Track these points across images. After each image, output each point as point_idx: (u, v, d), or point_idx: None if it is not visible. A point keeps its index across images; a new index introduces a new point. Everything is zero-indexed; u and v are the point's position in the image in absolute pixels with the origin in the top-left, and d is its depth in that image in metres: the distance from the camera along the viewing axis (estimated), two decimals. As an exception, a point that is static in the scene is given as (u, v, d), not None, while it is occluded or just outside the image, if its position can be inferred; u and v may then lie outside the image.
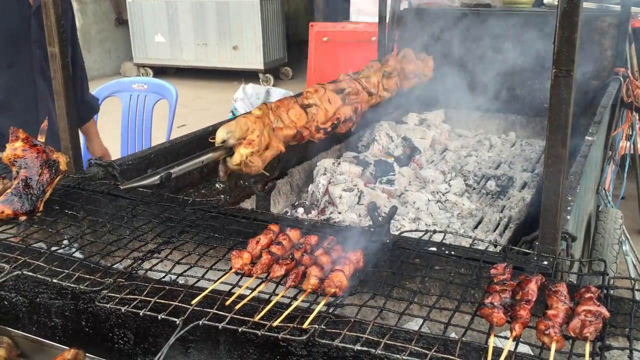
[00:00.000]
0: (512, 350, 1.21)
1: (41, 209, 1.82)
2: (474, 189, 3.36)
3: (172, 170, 2.01)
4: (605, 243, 3.35)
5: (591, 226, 3.65)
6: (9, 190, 1.78)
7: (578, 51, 1.44)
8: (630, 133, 4.24)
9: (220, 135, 2.11)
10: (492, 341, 1.21)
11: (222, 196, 2.89)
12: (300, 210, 3.00)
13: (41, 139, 1.90)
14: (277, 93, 5.92)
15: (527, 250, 1.59)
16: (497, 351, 1.21)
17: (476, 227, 2.91)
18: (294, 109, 2.45)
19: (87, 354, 1.55)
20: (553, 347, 1.18)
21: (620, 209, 4.19)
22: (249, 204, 2.90)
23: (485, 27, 4.18)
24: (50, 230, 1.76)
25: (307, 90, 2.60)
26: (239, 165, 2.12)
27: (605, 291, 1.41)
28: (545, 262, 1.54)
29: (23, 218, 1.78)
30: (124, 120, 4.70)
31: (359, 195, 3.01)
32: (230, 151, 2.10)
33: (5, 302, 1.72)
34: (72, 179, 2.11)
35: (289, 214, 2.94)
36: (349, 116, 2.73)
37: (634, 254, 3.96)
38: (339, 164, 3.31)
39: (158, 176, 1.95)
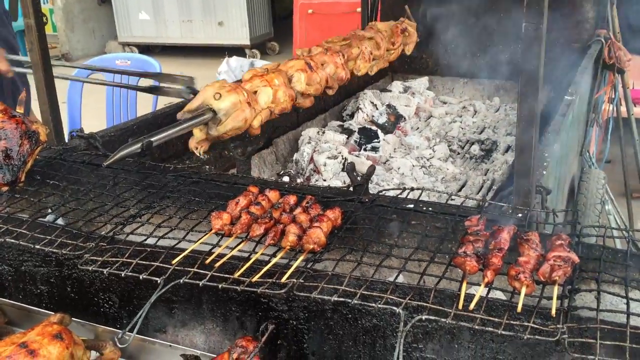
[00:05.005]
0: (484, 296, 1.24)
1: (23, 179, 1.83)
2: (458, 153, 3.40)
3: (153, 138, 2.02)
4: (587, 203, 3.40)
5: (575, 188, 3.69)
6: (-11, 162, 1.79)
7: (547, 4, 1.45)
8: (613, 96, 4.26)
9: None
10: (465, 288, 1.25)
11: (207, 167, 2.90)
12: (286, 178, 3.01)
13: (20, 110, 1.90)
14: (262, 65, 5.89)
15: (501, 204, 1.62)
16: (471, 297, 1.24)
17: (460, 190, 2.95)
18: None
19: (73, 319, 1.58)
20: (523, 291, 1.22)
21: (606, 173, 4.23)
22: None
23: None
24: (32, 199, 1.78)
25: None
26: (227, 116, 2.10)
27: (577, 239, 1.44)
28: (520, 215, 1.57)
29: (5, 188, 1.79)
30: (109, 98, 4.67)
31: (343, 163, 3.03)
32: (213, 112, 2.11)
33: (-9, 272, 1.74)
34: (54, 151, 2.12)
35: (274, 183, 2.97)
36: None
37: (617, 213, 4.01)
38: (324, 132, 3.33)
39: (139, 144, 1.97)
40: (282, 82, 2.43)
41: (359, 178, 1.74)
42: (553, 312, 1.16)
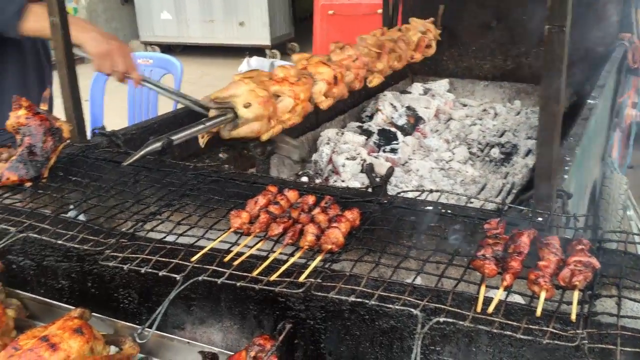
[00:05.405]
0: (503, 299, 1.24)
1: (46, 175, 1.86)
2: (478, 156, 3.38)
3: (173, 137, 2.05)
4: (609, 208, 3.36)
5: (597, 193, 3.65)
6: (13, 158, 1.82)
7: (571, 6, 1.44)
8: (636, 100, 4.20)
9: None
10: (483, 291, 1.24)
11: (227, 166, 2.92)
12: (304, 179, 3.02)
13: (44, 107, 1.93)
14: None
15: (521, 207, 1.61)
16: (489, 301, 1.24)
17: (479, 193, 2.93)
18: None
19: (93, 314, 1.60)
20: (542, 295, 1.21)
21: (628, 178, 4.18)
22: (253, 174, 2.93)
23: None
24: (55, 195, 1.80)
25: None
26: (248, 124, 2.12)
27: (598, 244, 1.43)
28: (540, 219, 1.56)
29: (28, 184, 1.82)
30: (130, 96, 4.73)
31: (362, 164, 3.03)
32: (235, 116, 2.12)
33: (14, 266, 1.77)
34: (76, 148, 2.14)
35: (292, 183, 2.97)
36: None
37: (639, 219, 3.96)
38: (343, 133, 3.33)
39: (160, 143, 1.99)
40: (305, 98, 2.44)
41: (377, 179, 1.74)
42: (573, 317, 1.15)
